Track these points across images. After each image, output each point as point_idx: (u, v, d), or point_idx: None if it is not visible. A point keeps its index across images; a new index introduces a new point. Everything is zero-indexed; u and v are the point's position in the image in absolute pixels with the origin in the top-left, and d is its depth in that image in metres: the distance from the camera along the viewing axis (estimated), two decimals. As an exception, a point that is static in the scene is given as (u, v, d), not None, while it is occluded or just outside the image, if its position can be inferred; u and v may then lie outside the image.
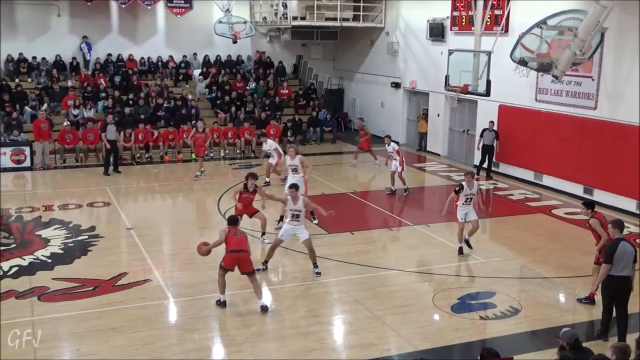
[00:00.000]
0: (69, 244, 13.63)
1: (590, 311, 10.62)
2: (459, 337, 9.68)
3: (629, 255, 8.98)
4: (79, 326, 9.80)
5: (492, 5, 19.31)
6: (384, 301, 10.96)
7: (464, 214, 12.92)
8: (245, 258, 10.30)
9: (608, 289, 9.20)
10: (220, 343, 9.69)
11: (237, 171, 21.06)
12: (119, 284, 11.42)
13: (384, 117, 27.25)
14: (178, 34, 27.79)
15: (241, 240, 10.40)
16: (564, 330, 7.06)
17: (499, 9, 19.68)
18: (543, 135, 18.91)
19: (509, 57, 17.19)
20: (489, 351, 6.54)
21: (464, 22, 21.70)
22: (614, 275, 8.98)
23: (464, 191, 12.72)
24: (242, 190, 13.14)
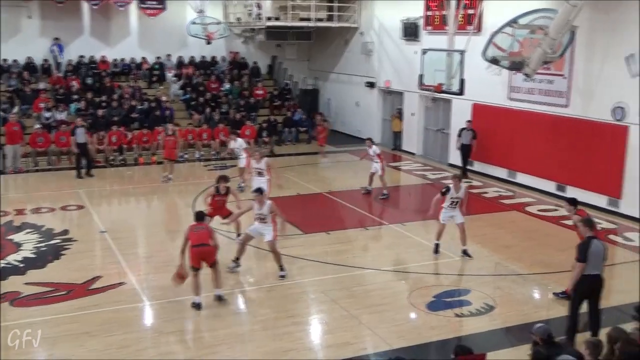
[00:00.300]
0: (42, 248, 13.46)
1: (564, 306, 10.73)
2: (435, 335, 9.73)
3: (600, 253, 9.04)
4: (52, 331, 9.66)
5: (465, 5, 19.45)
6: (360, 300, 10.98)
7: (448, 216, 12.87)
8: (208, 251, 10.48)
9: (582, 289, 9.15)
10: (195, 345, 9.63)
11: (212, 172, 20.90)
12: (93, 288, 11.31)
13: (359, 116, 27.33)
14: (151, 35, 27.58)
15: (202, 234, 10.49)
16: (537, 326, 7.13)
17: (471, 8, 19.84)
18: (516, 133, 19.09)
19: (481, 56, 17.37)
20: (462, 348, 6.58)
21: (437, 21, 21.83)
22: (587, 274, 8.96)
23: (450, 194, 12.66)
24: (214, 194, 13.06)
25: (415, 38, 23.07)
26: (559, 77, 17.63)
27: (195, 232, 10.49)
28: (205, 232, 10.56)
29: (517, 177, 19.36)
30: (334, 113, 29.04)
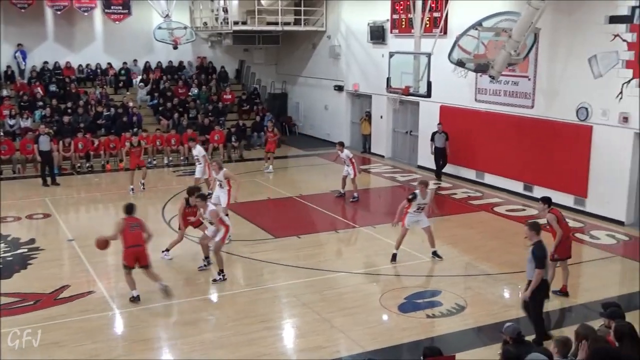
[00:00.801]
0: (8, 257, 13.22)
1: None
2: (407, 336, 9.78)
3: (546, 256, 9.29)
4: (20, 342, 9.44)
5: (431, 8, 19.59)
6: (332, 303, 10.99)
7: (413, 221, 12.87)
8: (141, 252, 10.72)
9: (542, 294, 9.25)
10: (168, 353, 9.55)
11: (181, 178, 20.81)
12: (61, 297, 11.14)
13: (328, 120, 27.39)
14: (117, 40, 27.32)
15: (137, 234, 10.75)
16: (507, 325, 7.19)
17: (437, 11, 20.01)
18: (483, 134, 19.29)
19: (447, 58, 17.52)
20: (431, 350, 6.58)
21: (403, 24, 21.97)
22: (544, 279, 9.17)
23: (417, 200, 12.65)
24: (185, 206, 12.91)
25: (382, 41, 23.19)
26: (524, 78, 17.86)
27: (132, 232, 10.70)
28: (139, 232, 10.80)
29: (485, 178, 19.56)
30: (302, 117, 29.09)
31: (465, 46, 17.25)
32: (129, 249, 10.65)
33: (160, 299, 10.61)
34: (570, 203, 16.67)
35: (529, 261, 9.19)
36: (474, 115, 19.60)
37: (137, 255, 10.69)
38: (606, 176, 15.82)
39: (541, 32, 16.52)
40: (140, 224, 10.99)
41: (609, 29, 15.39)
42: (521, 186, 18.26)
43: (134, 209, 11.22)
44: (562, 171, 16.81)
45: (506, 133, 18.46)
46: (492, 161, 19.15)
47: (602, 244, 14.36)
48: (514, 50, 15.19)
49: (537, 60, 17.39)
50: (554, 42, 16.88)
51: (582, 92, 16.24)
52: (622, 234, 14.96)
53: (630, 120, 15.20)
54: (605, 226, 15.49)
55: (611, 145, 15.65)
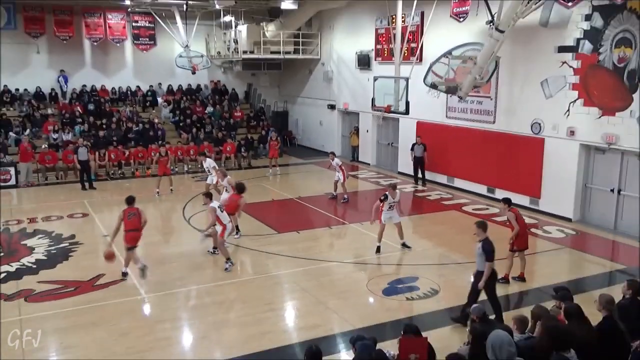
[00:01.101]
0: (52, 250, 13.19)
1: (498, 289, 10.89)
2: (389, 316, 9.78)
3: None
4: (62, 322, 9.49)
5: (408, 40, 19.63)
6: (326, 288, 10.99)
7: (388, 217, 12.95)
8: (138, 236, 11.33)
9: (493, 281, 9.34)
10: (187, 331, 9.51)
11: (199, 183, 20.76)
12: (98, 284, 11.11)
13: (322, 133, 27.38)
14: (144, 66, 27.32)
15: (134, 221, 11.22)
16: (474, 306, 7.19)
17: (414, 42, 20.06)
18: (453, 145, 19.32)
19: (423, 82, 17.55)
20: (410, 327, 6.54)
21: (385, 53, 22.01)
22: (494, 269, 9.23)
23: (388, 200, 12.78)
24: None
25: (367, 67, 23.23)
26: (487, 98, 17.91)
27: (129, 220, 11.13)
28: (136, 219, 11.27)
29: (455, 182, 19.58)
30: (301, 131, 29.10)
31: (438, 71, 17.26)
32: (129, 232, 11.16)
33: (182, 286, 10.57)
34: (527, 203, 16.69)
35: (479, 255, 9.13)
36: (445, 130, 19.62)
37: (136, 237, 11.22)
38: (556, 180, 15.87)
39: (501, 59, 16.57)
40: (137, 212, 11.36)
41: (557, 57, 15.47)
42: (485, 189, 18.29)
43: (134, 201, 11.61)
44: (520, 176, 16.85)
45: (472, 144, 18.50)
46: (461, 168, 19.18)
47: (553, 237, 14.38)
48: (478, 75, 15.23)
49: (498, 83, 17.45)
50: (512, 68, 16.94)
51: (536, 110, 16.30)
52: (570, 229, 14.99)
53: (576, 133, 15.25)
54: (555, 222, 15.52)
55: (560, 154, 15.69)
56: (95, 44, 25.86)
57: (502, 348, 5.20)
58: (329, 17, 25.63)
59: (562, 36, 15.30)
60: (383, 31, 22.02)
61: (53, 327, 9.32)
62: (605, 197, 15.09)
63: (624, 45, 13.92)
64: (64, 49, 25.30)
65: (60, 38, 24.98)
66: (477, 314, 6.94)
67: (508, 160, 17.19)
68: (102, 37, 25.72)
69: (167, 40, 26.59)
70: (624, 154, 14.47)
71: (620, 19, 13.89)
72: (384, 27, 21.89)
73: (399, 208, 13.35)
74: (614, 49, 14.15)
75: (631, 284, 7.24)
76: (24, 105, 24.25)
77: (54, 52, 25.26)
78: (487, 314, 7.11)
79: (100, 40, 25.76)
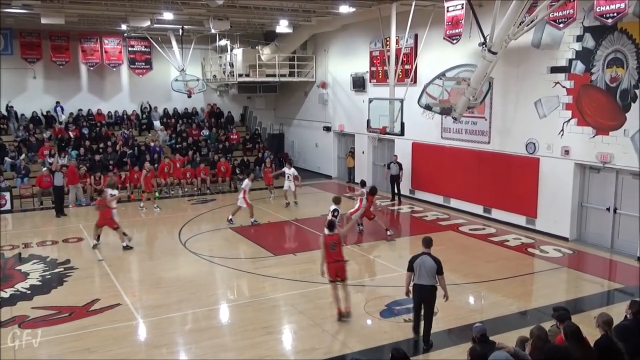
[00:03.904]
0: (47, 276, 13.07)
1: (496, 309, 10.84)
2: (387, 338, 9.66)
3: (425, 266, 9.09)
4: (56, 349, 9.35)
5: (403, 61, 19.78)
6: (324, 311, 10.86)
7: None
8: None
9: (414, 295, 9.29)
10: (184, 356, 9.39)
11: (195, 206, 20.73)
12: (92, 309, 10.98)
13: (318, 155, 27.42)
14: (140, 90, 27.47)
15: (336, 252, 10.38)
16: (475, 325, 7.07)
17: (408, 64, 20.20)
18: (449, 166, 19.34)
19: (418, 103, 17.65)
20: (397, 351, 6.21)
21: (380, 75, 22.16)
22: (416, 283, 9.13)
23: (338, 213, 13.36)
24: None
25: (362, 89, 23.36)
26: (481, 119, 17.99)
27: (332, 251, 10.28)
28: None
29: (451, 202, 19.56)
30: (297, 153, 29.12)
31: (432, 93, 17.39)
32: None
33: (178, 310, 10.46)
34: (523, 222, 16.69)
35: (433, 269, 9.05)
36: (440, 150, 19.67)
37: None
38: (552, 199, 15.87)
39: (495, 80, 16.73)
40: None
41: (550, 77, 15.60)
42: (481, 209, 18.27)
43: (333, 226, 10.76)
44: (515, 196, 16.86)
45: (468, 164, 18.53)
46: (457, 188, 19.18)
47: (551, 257, 14.33)
48: (472, 96, 15.30)
49: (492, 104, 17.54)
50: (506, 88, 17.06)
51: (530, 129, 16.37)
52: (567, 248, 14.95)
53: (570, 152, 15.31)
54: (552, 242, 15.48)
55: (555, 173, 15.72)
56: (91, 68, 26.03)
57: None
58: (324, 40, 25.86)
59: (554, 57, 15.44)
60: (377, 53, 22.21)
61: (48, 353, 9.19)
62: (601, 216, 15.08)
63: (615, 65, 14.05)
64: (61, 74, 25.46)
65: (56, 63, 25.14)
66: (477, 333, 6.84)
67: (504, 180, 17.20)
68: (99, 62, 25.89)
69: (163, 64, 26.77)
70: (618, 172, 14.51)
71: (612, 39, 14.04)
72: (378, 50, 22.08)
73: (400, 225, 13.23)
74: (606, 69, 14.28)
75: (633, 304, 7.17)
76: (20, 130, 24.24)
77: (51, 77, 25.40)
78: (486, 335, 7.02)
79: (97, 65, 25.94)
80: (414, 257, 9.27)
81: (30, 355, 9.06)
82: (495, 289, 12.04)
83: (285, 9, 19.59)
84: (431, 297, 9.18)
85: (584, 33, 14.65)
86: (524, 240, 15.66)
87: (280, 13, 20.71)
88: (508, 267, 13.42)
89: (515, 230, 16.56)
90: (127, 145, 24.58)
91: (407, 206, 20.27)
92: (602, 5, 13.09)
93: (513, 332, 9.20)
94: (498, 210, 17.56)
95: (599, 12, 13.19)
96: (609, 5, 12.95)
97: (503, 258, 14.24)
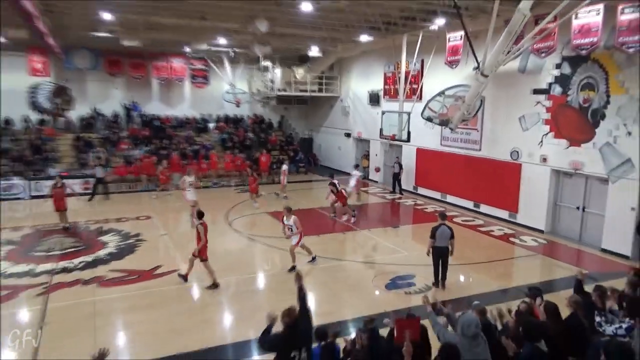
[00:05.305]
0: (121, 245, 13.34)
1: (481, 287, 10.69)
2: (391, 306, 9.57)
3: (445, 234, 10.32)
4: (127, 304, 9.56)
5: (411, 81, 19.62)
6: (340, 282, 10.90)
7: None
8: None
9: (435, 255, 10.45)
10: (227, 313, 9.52)
11: (240, 194, 20.88)
12: (156, 273, 11.18)
13: (340, 156, 27.32)
14: (199, 100, 27.64)
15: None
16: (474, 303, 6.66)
17: (415, 84, 19.99)
18: (446, 168, 19.12)
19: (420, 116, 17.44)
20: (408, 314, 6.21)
21: (392, 92, 21.96)
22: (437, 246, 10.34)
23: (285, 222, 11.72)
24: None
25: (377, 103, 23.20)
26: (474, 130, 17.73)
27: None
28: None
29: (447, 198, 19.34)
30: (323, 154, 29.08)
31: (433, 107, 17.28)
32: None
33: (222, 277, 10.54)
34: (506, 216, 16.45)
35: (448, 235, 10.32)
36: (439, 155, 19.45)
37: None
38: (531, 198, 15.59)
39: (486, 99, 16.49)
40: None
41: (533, 97, 15.30)
42: (472, 204, 18.03)
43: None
44: (500, 194, 16.60)
45: (462, 167, 18.29)
46: (452, 186, 18.96)
47: (528, 245, 14.09)
48: (466, 111, 15.10)
49: (483, 118, 17.28)
50: (495, 105, 16.78)
51: (514, 140, 16.07)
52: (542, 239, 14.67)
53: (548, 160, 15.01)
54: (530, 233, 15.21)
55: (535, 177, 15.42)
56: (161, 82, 26.30)
57: (470, 327, 5.09)
58: (347, 63, 25.72)
59: (536, 80, 15.12)
60: (390, 75, 22.00)
61: (120, 308, 9.39)
62: (571, 213, 14.76)
63: (588, 88, 13.71)
64: (137, 86, 25.78)
65: (134, 77, 25.47)
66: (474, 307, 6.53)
67: (491, 181, 16.95)
68: (167, 77, 26.15)
69: (217, 79, 26.95)
70: (587, 178, 14.17)
71: (585, 67, 13.70)
72: (391, 72, 21.88)
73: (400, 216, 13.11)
74: (579, 92, 13.94)
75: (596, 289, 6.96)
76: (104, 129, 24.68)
77: (129, 88, 25.74)
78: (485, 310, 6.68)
79: (165, 80, 26.20)
80: (436, 227, 10.36)
81: (108, 308, 9.26)
82: (481, 270, 11.89)
83: (317, 37, 19.55)
84: (447, 255, 10.50)
85: (562, 61, 14.32)
86: (507, 231, 15.42)
87: (312, 40, 20.68)
88: (492, 252, 13.24)
89: (499, 223, 16.31)
90: (188, 143, 24.80)
91: (411, 200, 20.11)
92: (578, 39, 12.77)
93: (493, 306, 9.07)
94: (485, 206, 17.32)
95: (575, 44, 12.87)
96: (584, 39, 12.62)
97: (488, 245, 14.04)
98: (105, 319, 8.88)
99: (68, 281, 10.57)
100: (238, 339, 8.32)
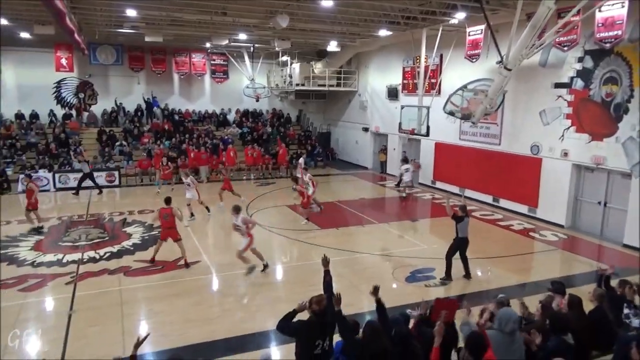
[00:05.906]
0: (145, 237, 13.52)
1: (500, 281, 10.58)
2: (410, 299, 9.53)
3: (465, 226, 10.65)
4: (151, 293, 9.70)
5: (429, 76, 19.44)
6: (359, 274, 10.89)
7: None
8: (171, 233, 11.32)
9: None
10: (247, 304, 9.57)
11: (260, 187, 20.98)
12: (179, 264, 11.31)
13: (358, 150, 27.25)
14: (219, 95, 27.82)
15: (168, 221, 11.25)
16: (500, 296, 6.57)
17: (434, 78, 19.81)
18: (465, 162, 18.93)
19: (441, 110, 17.29)
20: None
21: (410, 87, 21.81)
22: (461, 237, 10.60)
23: None
24: None
25: (395, 98, 23.04)
26: (494, 124, 17.51)
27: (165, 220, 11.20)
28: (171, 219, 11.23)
29: (465, 192, 19.16)
30: (341, 148, 29.02)
31: (455, 101, 17.06)
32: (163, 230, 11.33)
33: (242, 268, 10.63)
34: (525, 211, 16.24)
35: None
36: (458, 149, 19.25)
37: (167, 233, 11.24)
38: (551, 193, 15.35)
39: (507, 93, 16.22)
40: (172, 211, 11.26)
41: (554, 91, 15.04)
42: (491, 198, 17.83)
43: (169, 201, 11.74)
44: (520, 189, 16.39)
45: (481, 161, 18.09)
46: (471, 180, 18.76)
47: (548, 240, 13.90)
48: (489, 105, 14.93)
49: (503, 112, 17.05)
50: (516, 100, 16.53)
51: (535, 134, 15.84)
52: (562, 234, 14.45)
53: (569, 155, 14.75)
54: (550, 228, 14.99)
55: (555, 171, 15.18)
56: (182, 77, 26.51)
57: (509, 323, 4.95)
58: (365, 57, 25.56)
59: (558, 75, 14.85)
60: (409, 69, 21.82)
61: (144, 297, 9.53)
62: (593, 209, 14.49)
63: (610, 83, 13.41)
64: (158, 81, 26.03)
65: (155, 72, 25.71)
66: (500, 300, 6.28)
67: (511, 176, 16.73)
68: (187, 72, 26.34)
69: (237, 74, 27.04)
70: (609, 173, 13.90)
71: (608, 61, 13.39)
72: (409, 66, 21.69)
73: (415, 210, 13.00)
74: (602, 86, 13.64)
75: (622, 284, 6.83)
76: (126, 123, 25.00)
77: (151, 83, 26.00)
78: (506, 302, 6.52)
79: (186, 74, 26.40)
80: (460, 217, 10.76)
81: (132, 298, 9.42)
82: (499, 265, 11.78)
83: (335, 32, 19.46)
84: (466, 247, 10.77)
85: (584, 55, 14.03)
86: (526, 225, 15.22)
87: (330, 35, 20.59)
88: (511, 247, 13.09)
89: (518, 217, 16.11)
90: (208, 137, 25.00)
91: (429, 194, 19.97)
92: (601, 32, 12.47)
93: (513, 300, 8.99)
94: (505, 200, 17.11)
95: (598, 38, 12.57)
96: (608, 32, 12.33)
97: (507, 239, 13.88)
98: (131, 307, 9.03)
99: (95, 271, 10.76)
100: (257, 329, 8.39)
